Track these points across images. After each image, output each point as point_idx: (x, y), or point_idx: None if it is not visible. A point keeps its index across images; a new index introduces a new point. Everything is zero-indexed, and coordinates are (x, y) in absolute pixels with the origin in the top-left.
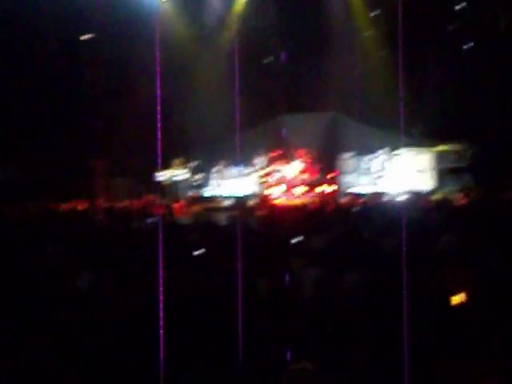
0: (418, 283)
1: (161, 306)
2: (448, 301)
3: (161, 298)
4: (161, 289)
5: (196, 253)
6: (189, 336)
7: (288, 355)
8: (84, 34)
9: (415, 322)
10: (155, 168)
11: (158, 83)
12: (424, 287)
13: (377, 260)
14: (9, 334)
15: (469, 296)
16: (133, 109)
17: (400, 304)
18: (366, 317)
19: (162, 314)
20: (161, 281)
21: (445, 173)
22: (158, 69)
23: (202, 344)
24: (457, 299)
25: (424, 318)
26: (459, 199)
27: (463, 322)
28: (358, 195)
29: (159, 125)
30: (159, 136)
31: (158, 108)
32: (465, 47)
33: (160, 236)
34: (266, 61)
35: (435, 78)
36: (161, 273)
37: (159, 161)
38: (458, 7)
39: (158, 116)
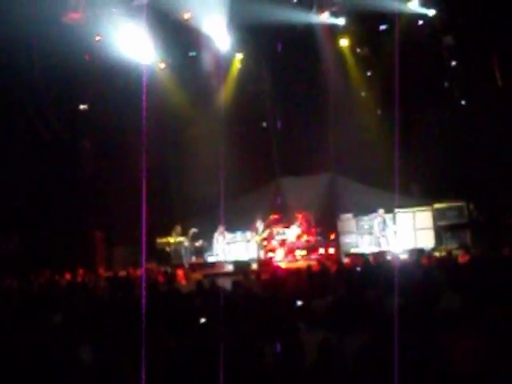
0: (421, 345)
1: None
2: (451, 364)
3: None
4: (162, 359)
5: (199, 320)
6: None
7: None
8: (81, 102)
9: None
10: (155, 236)
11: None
12: (427, 349)
13: (380, 322)
14: None
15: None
16: (131, 177)
17: (402, 366)
18: (369, 380)
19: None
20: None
21: (444, 230)
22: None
23: None
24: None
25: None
26: (460, 256)
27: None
28: (360, 255)
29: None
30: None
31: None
32: (462, 104)
33: (155, 305)
34: (262, 125)
35: (433, 136)
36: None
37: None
38: (453, 64)
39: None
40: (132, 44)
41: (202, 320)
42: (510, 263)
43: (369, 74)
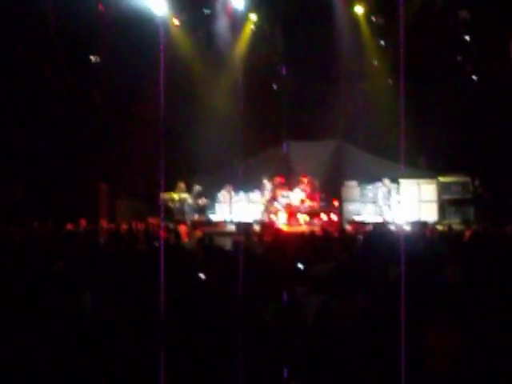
0: (420, 313)
1: (161, 327)
2: (447, 333)
3: (161, 319)
4: (161, 311)
5: (199, 276)
6: (188, 358)
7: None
8: (93, 55)
9: (415, 352)
10: (160, 191)
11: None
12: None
13: (380, 289)
14: (12, 355)
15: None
16: (138, 132)
17: (400, 333)
18: (366, 345)
19: (162, 336)
20: (162, 302)
21: (448, 204)
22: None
23: (201, 368)
24: None
25: (423, 347)
26: (462, 230)
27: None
28: (362, 223)
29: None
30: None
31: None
32: (472, 78)
33: (162, 259)
34: (272, 87)
35: (441, 110)
36: (162, 295)
37: (162, 183)
38: (465, 38)
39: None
40: None
41: (202, 276)
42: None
43: (382, 42)
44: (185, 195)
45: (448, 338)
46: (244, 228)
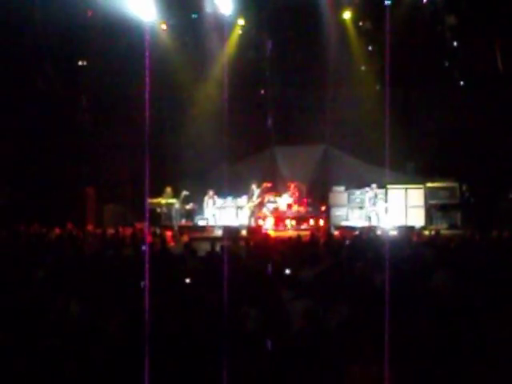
0: (406, 319)
1: (147, 332)
2: (436, 337)
3: (147, 324)
4: (147, 316)
5: (185, 281)
6: (175, 361)
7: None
8: (80, 59)
9: (399, 357)
10: (146, 195)
11: (147, 110)
12: (412, 324)
13: (366, 295)
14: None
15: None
16: (125, 136)
17: (384, 339)
18: (351, 350)
19: (147, 341)
20: (147, 307)
21: (435, 209)
22: (147, 97)
23: (187, 371)
24: None
25: (409, 353)
26: (449, 236)
27: (450, 357)
28: (350, 228)
29: (147, 153)
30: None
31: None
32: (460, 84)
33: (147, 264)
34: (260, 92)
35: (428, 115)
36: (147, 300)
37: (147, 188)
38: (454, 44)
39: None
40: (135, 2)
41: (187, 281)
42: (498, 245)
43: (370, 48)
44: (172, 200)
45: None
46: (231, 233)
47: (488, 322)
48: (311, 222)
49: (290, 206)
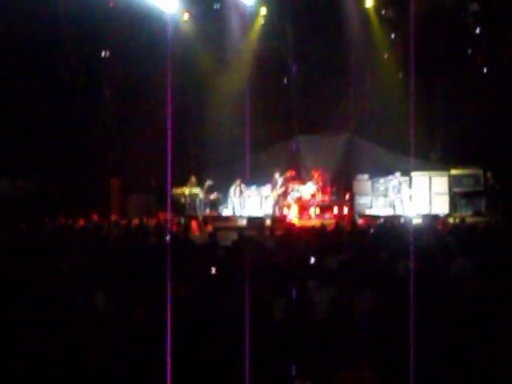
0: (431, 306)
1: (169, 323)
2: (460, 325)
3: (169, 314)
4: (169, 306)
5: (210, 271)
6: (200, 351)
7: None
8: (103, 48)
9: (425, 346)
10: (171, 185)
11: (169, 100)
12: (437, 310)
13: (390, 283)
14: (22, 350)
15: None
16: (149, 127)
17: (410, 328)
18: (378, 339)
19: (170, 332)
20: (169, 297)
21: (459, 197)
22: (170, 87)
23: (209, 365)
24: None
25: (434, 341)
26: (474, 223)
27: (472, 344)
28: (374, 217)
29: (170, 143)
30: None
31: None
32: (483, 71)
33: (170, 254)
34: (283, 82)
35: (452, 103)
36: (169, 290)
37: (169, 179)
38: (477, 31)
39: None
40: None
41: (214, 270)
42: None
43: (392, 36)
44: (196, 190)
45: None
46: (255, 222)
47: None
48: (335, 210)
49: (313, 194)
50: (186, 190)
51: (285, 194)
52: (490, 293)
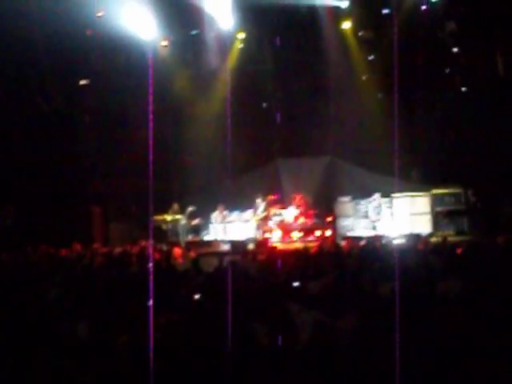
0: (416, 328)
1: (152, 350)
2: (446, 347)
3: (152, 341)
4: (152, 333)
5: (194, 297)
6: (184, 377)
7: None
8: (82, 78)
9: (410, 369)
10: (152, 213)
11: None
12: (421, 333)
13: (374, 306)
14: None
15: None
16: (129, 154)
17: (395, 350)
18: (362, 363)
19: (153, 359)
20: (152, 325)
21: (441, 216)
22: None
23: None
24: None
25: (420, 364)
26: (456, 242)
27: (459, 365)
28: (356, 238)
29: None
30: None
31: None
32: (463, 90)
33: (152, 282)
34: (262, 106)
35: (433, 123)
36: (151, 318)
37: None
38: (455, 50)
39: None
40: (134, 20)
41: (197, 296)
42: (506, 250)
43: (371, 57)
44: (178, 216)
45: None
46: (238, 247)
47: (498, 328)
48: (318, 233)
49: (296, 218)
50: (168, 217)
51: (267, 219)
52: (476, 314)
